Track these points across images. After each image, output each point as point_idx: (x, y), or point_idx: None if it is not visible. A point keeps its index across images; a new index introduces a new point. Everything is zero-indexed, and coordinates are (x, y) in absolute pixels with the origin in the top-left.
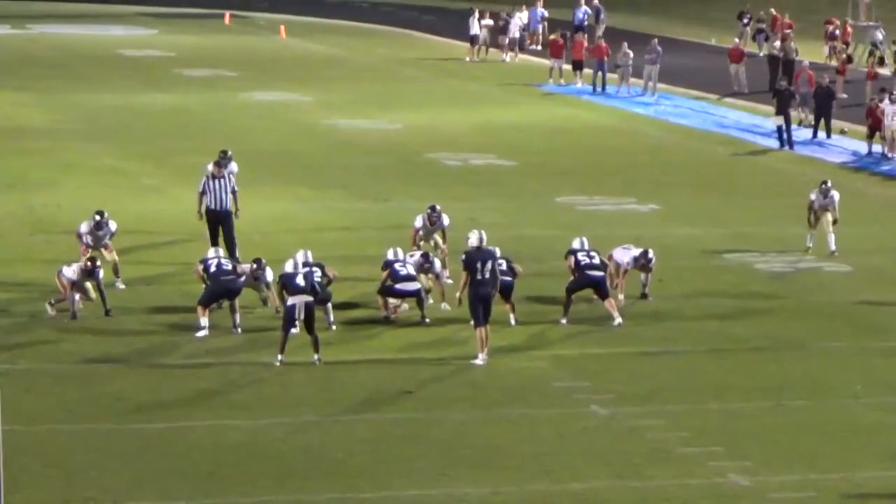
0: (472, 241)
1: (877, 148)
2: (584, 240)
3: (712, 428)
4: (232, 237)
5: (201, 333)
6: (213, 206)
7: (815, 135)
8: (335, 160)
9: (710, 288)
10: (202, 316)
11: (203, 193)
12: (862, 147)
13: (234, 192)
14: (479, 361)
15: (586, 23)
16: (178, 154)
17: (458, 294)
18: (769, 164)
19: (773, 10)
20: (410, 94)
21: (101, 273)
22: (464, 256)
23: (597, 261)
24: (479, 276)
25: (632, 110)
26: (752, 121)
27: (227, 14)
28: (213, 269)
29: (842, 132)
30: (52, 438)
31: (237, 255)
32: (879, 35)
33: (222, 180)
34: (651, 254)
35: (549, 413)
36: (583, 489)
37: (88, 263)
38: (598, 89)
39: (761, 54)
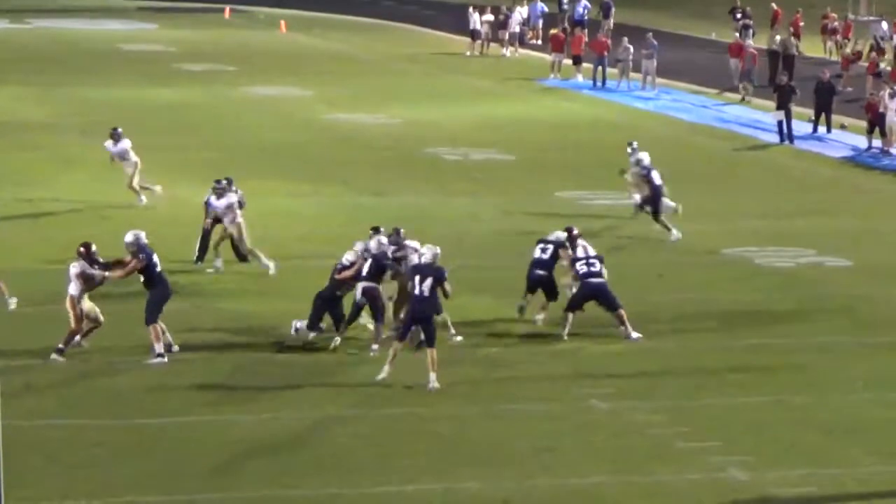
0: (427, 256)
1: (877, 143)
2: (587, 246)
3: (712, 423)
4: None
5: (157, 360)
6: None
7: (815, 129)
8: (335, 155)
9: (709, 283)
10: (157, 341)
11: (208, 205)
12: (862, 142)
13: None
14: (383, 375)
15: (587, 17)
16: (179, 149)
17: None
18: (769, 159)
19: (773, 5)
20: (410, 88)
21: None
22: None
23: (596, 268)
24: (416, 292)
25: (632, 105)
26: (752, 115)
27: (227, 8)
28: (159, 268)
29: (842, 127)
30: (52, 434)
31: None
32: (883, 29)
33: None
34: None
35: (548, 408)
36: (582, 484)
37: (83, 249)
38: (599, 84)
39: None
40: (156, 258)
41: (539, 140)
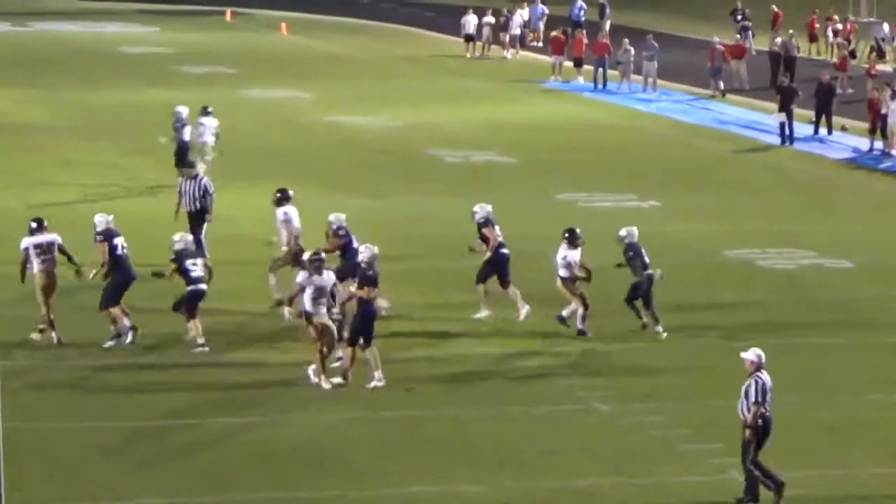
0: (366, 256)
1: (878, 144)
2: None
3: (713, 424)
4: (199, 237)
5: (116, 341)
6: (187, 207)
7: (816, 131)
8: (335, 157)
9: (710, 284)
10: (112, 324)
11: (181, 194)
12: (862, 143)
13: (205, 195)
14: (379, 383)
15: (583, 18)
16: None
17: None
18: (770, 161)
19: (774, 7)
20: (411, 90)
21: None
22: (371, 272)
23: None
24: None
25: (633, 107)
26: (753, 117)
27: (228, 11)
28: (119, 250)
29: (843, 128)
30: (53, 436)
31: (206, 253)
32: (884, 30)
33: (192, 181)
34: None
35: (550, 410)
36: (584, 486)
37: (34, 224)
38: (599, 86)
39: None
40: (117, 241)
41: (540, 142)
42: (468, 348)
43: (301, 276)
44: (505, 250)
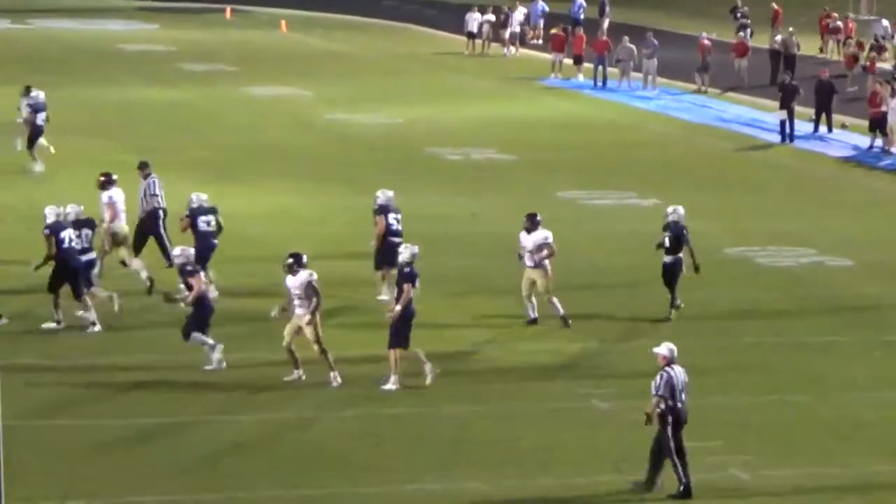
0: (405, 256)
1: (878, 142)
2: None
3: (713, 422)
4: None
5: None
6: (139, 206)
7: (816, 129)
8: (335, 155)
9: (710, 282)
10: (57, 309)
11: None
12: (863, 141)
13: (153, 193)
14: (392, 386)
15: (582, 16)
16: (179, 149)
17: (397, 307)
18: (770, 159)
19: (773, 5)
20: (411, 88)
21: None
22: (407, 270)
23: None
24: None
25: (633, 105)
26: (754, 115)
27: (228, 8)
28: (66, 243)
29: (843, 126)
30: (52, 434)
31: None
32: (883, 27)
33: (144, 180)
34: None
35: (549, 407)
36: (583, 483)
37: None
38: (599, 84)
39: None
40: (64, 235)
41: (540, 140)
42: (468, 346)
43: (286, 280)
44: (396, 239)
